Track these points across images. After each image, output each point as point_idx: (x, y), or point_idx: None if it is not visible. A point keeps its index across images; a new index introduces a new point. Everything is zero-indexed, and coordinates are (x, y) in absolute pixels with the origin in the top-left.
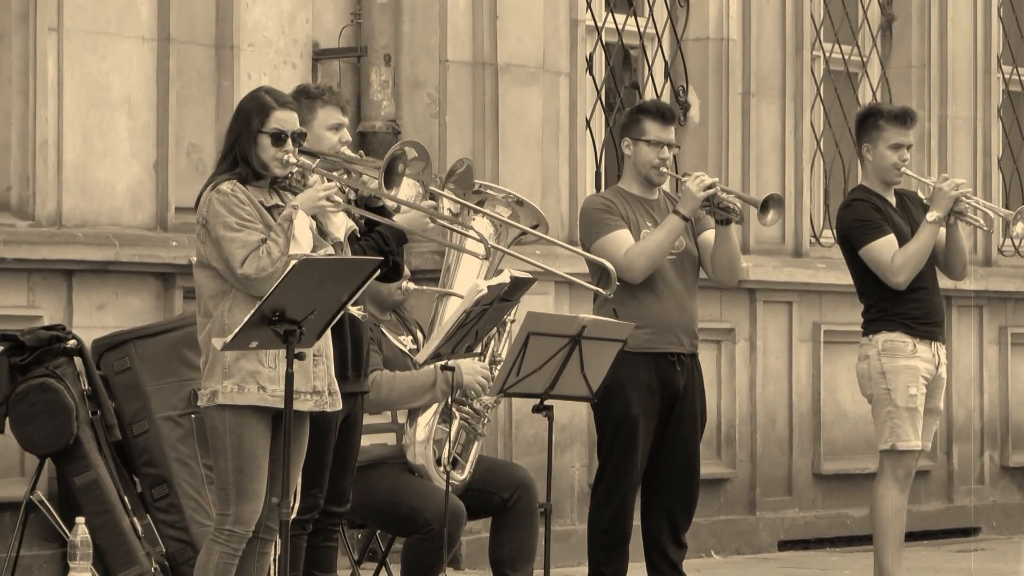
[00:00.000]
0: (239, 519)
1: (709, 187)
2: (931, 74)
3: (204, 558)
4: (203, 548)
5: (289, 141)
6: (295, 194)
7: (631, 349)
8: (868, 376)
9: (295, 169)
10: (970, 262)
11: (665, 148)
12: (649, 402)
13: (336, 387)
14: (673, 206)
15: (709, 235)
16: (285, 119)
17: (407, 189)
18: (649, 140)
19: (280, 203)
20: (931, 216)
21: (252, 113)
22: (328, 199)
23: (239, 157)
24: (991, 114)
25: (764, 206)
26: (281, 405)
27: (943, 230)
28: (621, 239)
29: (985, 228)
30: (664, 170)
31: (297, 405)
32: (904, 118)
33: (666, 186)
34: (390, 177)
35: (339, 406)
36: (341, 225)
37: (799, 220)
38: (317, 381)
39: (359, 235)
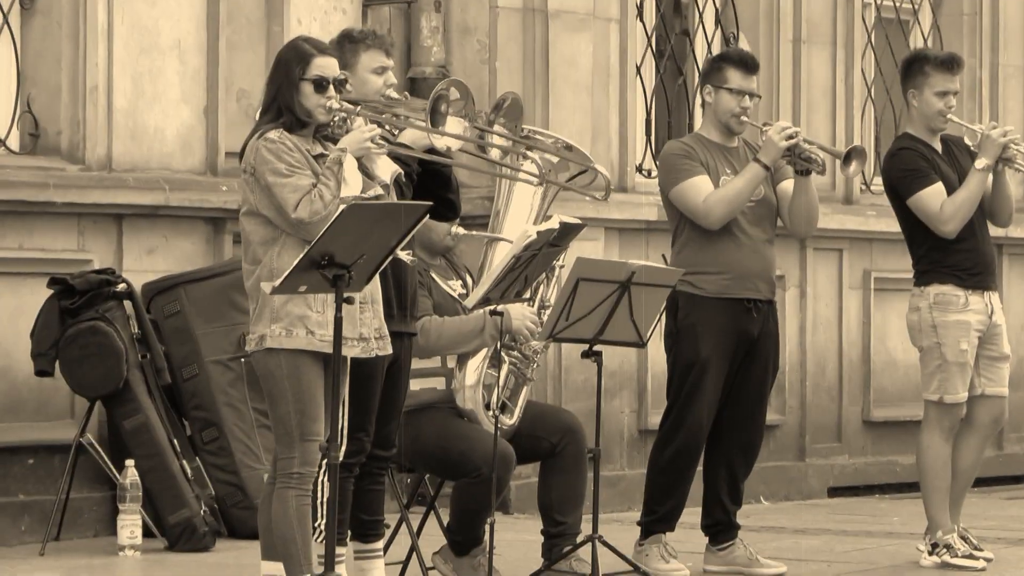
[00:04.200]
0: (305, 460)
1: (791, 137)
2: (982, 22)
3: (278, 508)
4: (273, 498)
5: (331, 87)
6: (337, 141)
7: (708, 294)
8: (919, 328)
9: (339, 115)
10: (1017, 209)
11: (746, 97)
12: (722, 347)
13: (386, 331)
14: (753, 154)
15: (788, 184)
16: (325, 65)
17: (454, 127)
18: (731, 88)
19: (324, 152)
20: (980, 163)
21: (292, 62)
22: (373, 141)
23: (282, 106)
24: None
25: (847, 158)
26: (329, 350)
27: (991, 177)
28: (700, 185)
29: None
30: (745, 119)
31: (344, 350)
32: (951, 64)
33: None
34: (435, 117)
35: (389, 350)
36: (387, 168)
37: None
38: (364, 328)
39: (409, 180)
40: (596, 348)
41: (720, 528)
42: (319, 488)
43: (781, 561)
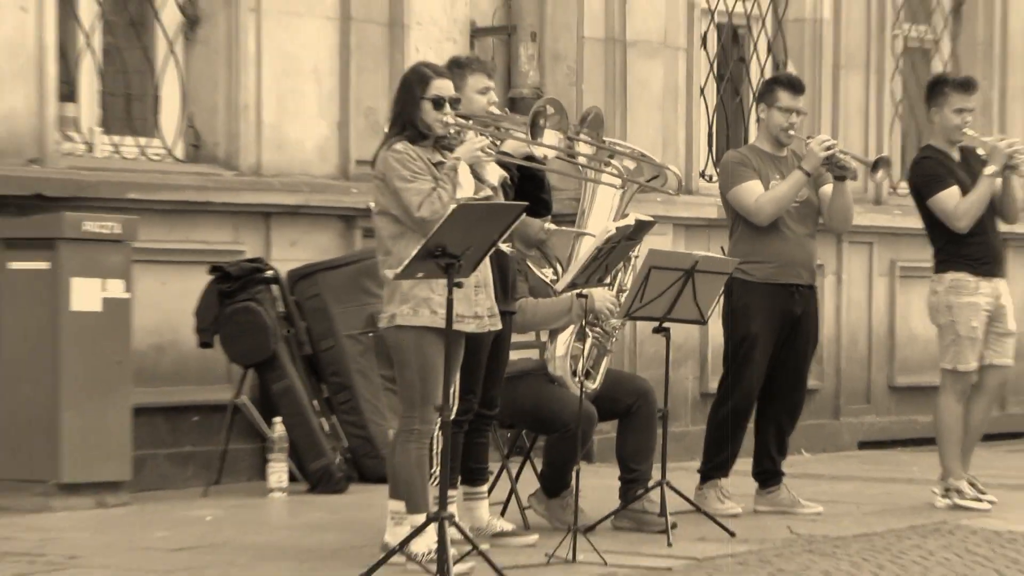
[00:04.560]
0: (424, 419)
1: (829, 148)
2: (994, 50)
3: (402, 457)
4: (396, 450)
5: (447, 105)
6: (453, 151)
7: (759, 280)
8: (937, 308)
9: (453, 129)
10: (1021, 208)
11: (794, 114)
12: (770, 325)
13: (496, 310)
14: (799, 163)
15: (828, 188)
16: (442, 86)
17: (550, 138)
18: (781, 107)
19: (442, 160)
20: (988, 170)
21: (415, 83)
22: (483, 151)
23: (406, 121)
24: None
25: (875, 166)
26: (454, 327)
27: (999, 181)
28: (752, 188)
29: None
30: (792, 132)
31: (461, 327)
32: (967, 86)
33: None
34: (534, 130)
35: (499, 326)
36: (494, 173)
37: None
38: (478, 307)
39: (510, 183)
40: (665, 325)
41: (768, 475)
42: (434, 441)
43: (819, 503)
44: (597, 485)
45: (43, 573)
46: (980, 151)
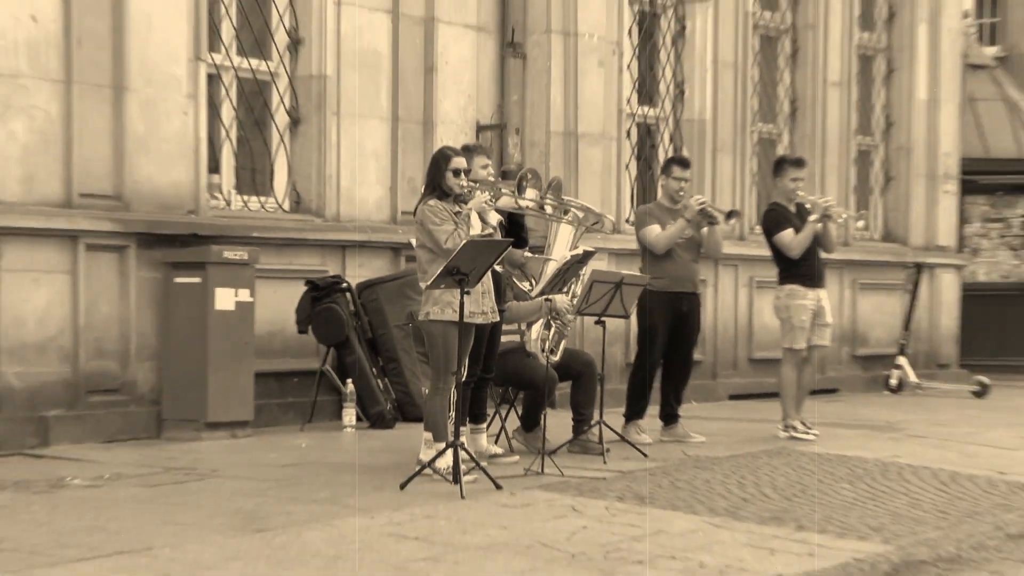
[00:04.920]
0: (446, 381)
1: (702, 203)
2: (816, 140)
3: (430, 406)
4: (427, 401)
5: (462, 175)
6: (466, 203)
7: (660, 289)
8: (779, 308)
9: (466, 190)
10: (837, 243)
11: (683, 181)
12: (666, 319)
13: (496, 309)
14: (683, 214)
15: (706, 230)
16: (459, 162)
17: (530, 195)
18: (675, 176)
19: (459, 210)
20: (812, 218)
21: (441, 161)
22: (485, 203)
23: (435, 186)
24: (848, 164)
25: (729, 215)
26: (467, 320)
27: (820, 225)
28: (653, 230)
29: (839, 223)
30: (682, 194)
31: (471, 320)
32: (799, 163)
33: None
34: (519, 190)
35: (498, 319)
36: (494, 218)
37: (744, 221)
38: (485, 307)
39: (503, 225)
40: (602, 319)
41: (669, 417)
42: (452, 394)
43: (702, 435)
44: (557, 424)
45: (194, 480)
46: (807, 205)
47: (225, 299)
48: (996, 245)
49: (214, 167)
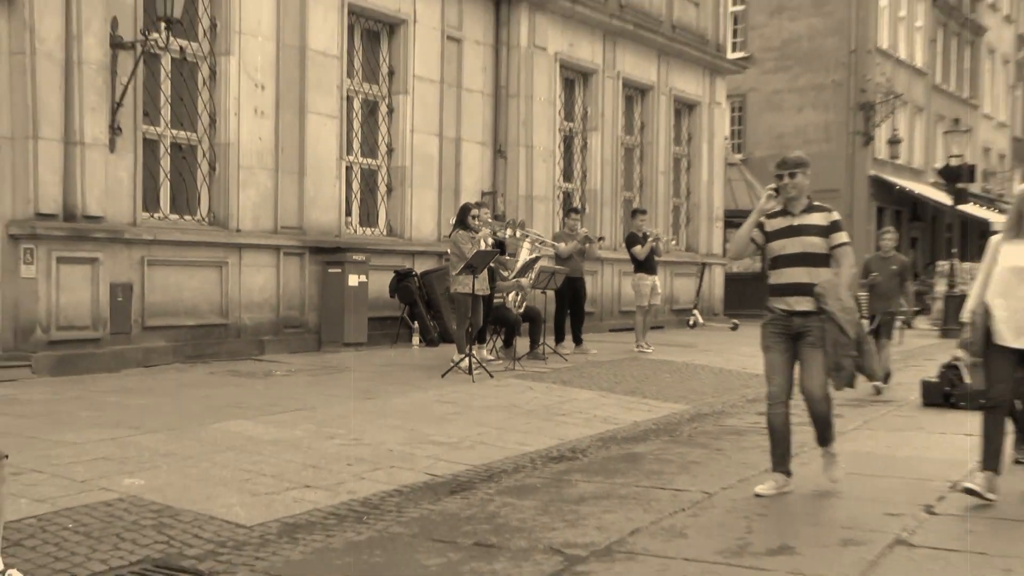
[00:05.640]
0: (463, 325)
1: (584, 232)
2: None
3: (457, 335)
4: (455, 333)
5: (476, 219)
6: (478, 232)
7: (567, 275)
8: (633, 285)
9: (477, 225)
10: (664, 252)
11: (577, 222)
12: (569, 290)
13: (489, 287)
14: (577, 238)
15: (588, 246)
16: (474, 211)
17: (509, 229)
18: (572, 219)
19: (474, 236)
20: (650, 240)
21: (464, 210)
22: (490, 233)
23: (461, 222)
24: (669, 212)
25: (600, 239)
26: (476, 293)
27: (654, 243)
28: (561, 246)
29: (664, 242)
30: (575, 227)
31: (479, 293)
32: (643, 211)
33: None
34: (507, 227)
35: (490, 292)
36: (490, 240)
37: (613, 242)
38: (483, 286)
39: (495, 243)
40: (544, 291)
41: (577, 340)
42: (469, 331)
43: (596, 351)
44: (522, 345)
45: (337, 373)
46: (648, 233)
47: (353, 280)
48: None
49: (348, 212)
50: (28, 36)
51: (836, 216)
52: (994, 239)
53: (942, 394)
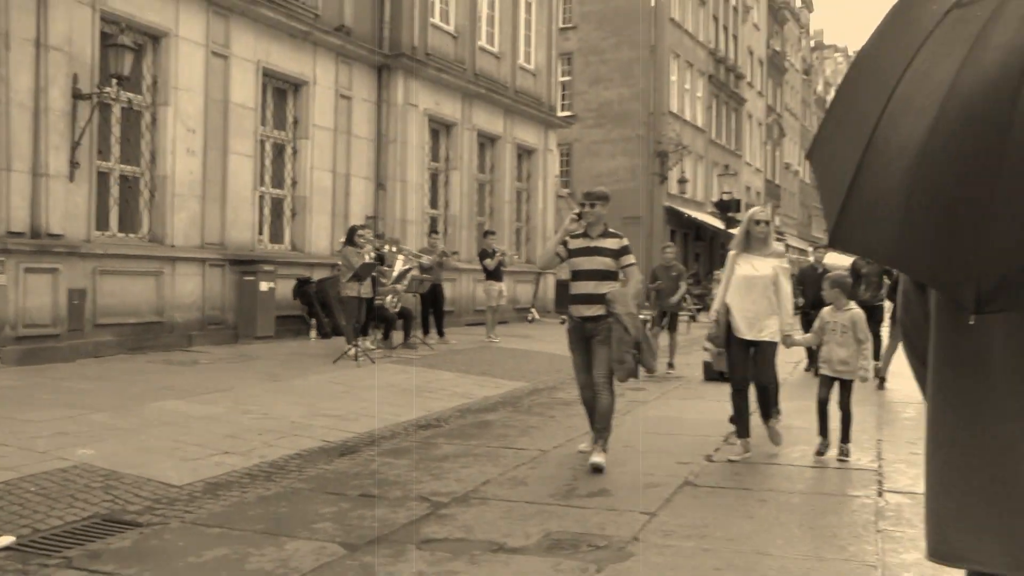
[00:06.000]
0: (351, 321)
1: (443, 251)
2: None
3: (346, 330)
4: (344, 328)
5: (363, 238)
6: (362, 248)
7: (430, 282)
8: (485, 290)
9: (363, 242)
10: (509, 266)
11: (438, 241)
12: (431, 295)
13: (371, 291)
14: (435, 255)
15: (445, 259)
16: (359, 231)
17: (387, 247)
18: (433, 238)
19: (359, 251)
20: (497, 256)
21: (353, 230)
22: (369, 250)
23: (350, 240)
24: (513, 233)
25: (454, 253)
26: (361, 296)
27: (503, 257)
28: (424, 260)
29: (507, 257)
30: (434, 244)
31: (361, 296)
32: (492, 232)
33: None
34: (388, 243)
35: (372, 296)
36: (372, 254)
37: (468, 255)
38: (366, 290)
39: (376, 256)
40: (416, 294)
41: (440, 334)
42: (356, 327)
43: (455, 340)
44: (397, 336)
45: (250, 360)
46: (497, 250)
47: (264, 286)
48: None
49: (261, 231)
50: (4, 89)
51: (626, 242)
52: (731, 253)
53: (718, 372)
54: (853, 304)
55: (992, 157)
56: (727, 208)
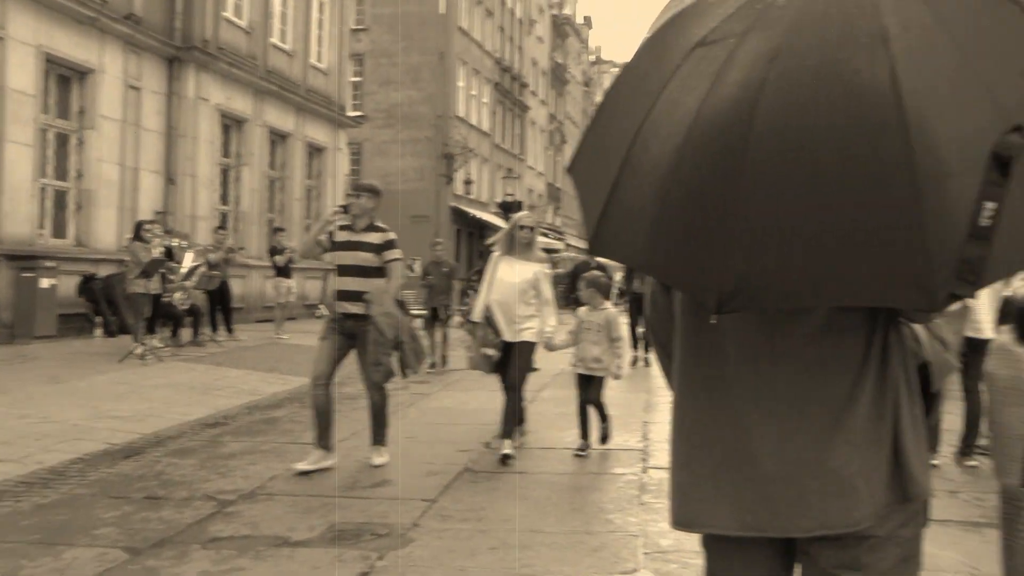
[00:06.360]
0: (138, 318)
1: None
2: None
3: (133, 329)
4: (132, 326)
5: (150, 233)
6: (151, 243)
7: (220, 278)
8: (273, 286)
9: (150, 236)
10: (299, 260)
11: (281, 236)
12: (218, 290)
13: (159, 288)
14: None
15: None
16: (149, 227)
17: (175, 241)
18: (278, 236)
19: (148, 246)
20: (287, 250)
21: (140, 225)
22: (159, 246)
23: (137, 236)
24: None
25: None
26: (145, 292)
27: (294, 254)
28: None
29: (294, 252)
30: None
31: (146, 292)
32: (283, 228)
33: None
34: (176, 237)
35: (161, 292)
36: (161, 250)
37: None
38: (153, 286)
39: (165, 252)
40: (206, 291)
41: (230, 331)
42: (143, 324)
43: (245, 337)
44: (185, 333)
45: (29, 361)
46: (286, 246)
47: (44, 283)
48: None
49: (42, 226)
50: None
51: (391, 236)
52: (494, 255)
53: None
54: (608, 304)
55: (729, 178)
56: (509, 209)
